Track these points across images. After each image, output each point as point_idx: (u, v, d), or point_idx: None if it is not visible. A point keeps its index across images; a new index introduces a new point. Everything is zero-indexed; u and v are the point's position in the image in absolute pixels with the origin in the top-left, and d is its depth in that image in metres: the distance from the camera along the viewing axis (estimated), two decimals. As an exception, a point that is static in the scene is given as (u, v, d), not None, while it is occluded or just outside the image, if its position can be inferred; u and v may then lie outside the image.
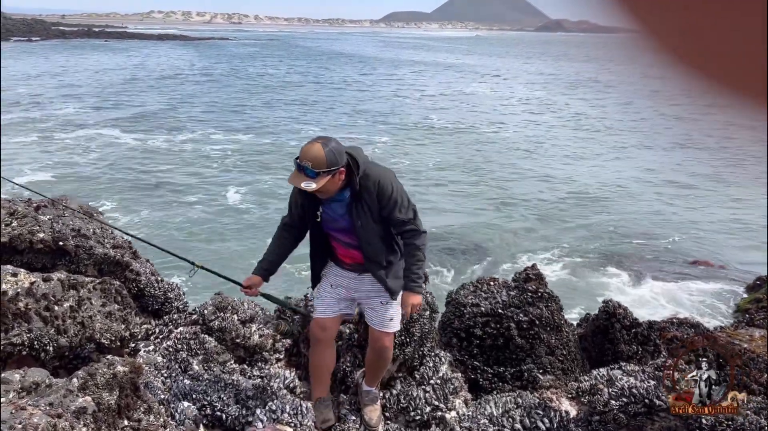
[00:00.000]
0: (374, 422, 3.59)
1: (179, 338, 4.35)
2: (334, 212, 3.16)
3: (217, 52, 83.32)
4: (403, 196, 3.12)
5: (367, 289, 3.35)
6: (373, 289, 3.33)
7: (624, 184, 19.13)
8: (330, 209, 3.16)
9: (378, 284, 3.30)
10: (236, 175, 18.73)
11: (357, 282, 3.36)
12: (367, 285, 3.34)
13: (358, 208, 3.06)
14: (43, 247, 4.80)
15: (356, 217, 3.07)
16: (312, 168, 2.82)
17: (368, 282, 3.32)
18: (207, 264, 4.29)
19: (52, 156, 19.54)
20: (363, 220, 3.07)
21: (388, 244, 3.21)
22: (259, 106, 33.86)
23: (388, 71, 61.63)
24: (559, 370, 5.04)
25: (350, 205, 3.08)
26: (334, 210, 3.14)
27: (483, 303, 5.14)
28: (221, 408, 3.57)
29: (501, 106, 36.73)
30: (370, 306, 3.39)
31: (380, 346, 3.43)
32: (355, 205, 3.06)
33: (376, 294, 3.33)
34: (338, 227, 3.21)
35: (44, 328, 4.12)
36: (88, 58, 60.79)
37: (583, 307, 7.37)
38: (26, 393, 3.22)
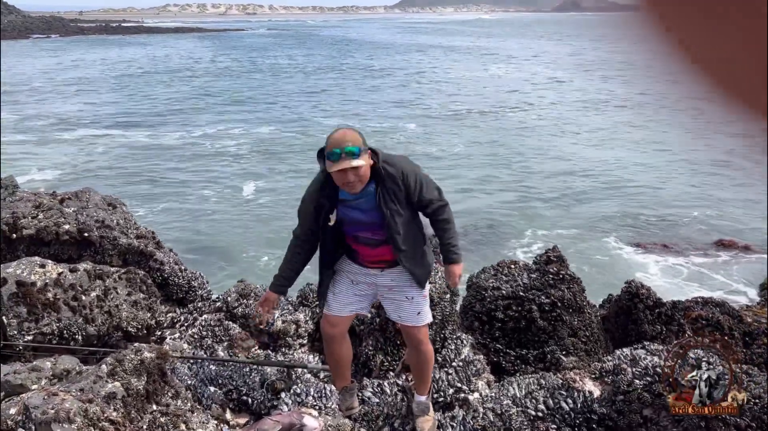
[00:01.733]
0: None
1: (204, 325, 4.42)
2: (358, 209, 3.09)
3: (234, 43, 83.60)
4: (425, 176, 3.12)
5: (390, 285, 3.28)
6: (396, 286, 3.27)
7: (646, 163, 18.90)
8: (351, 209, 3.09)
9: (401, 279, 3.24)
10: (255, 168, 18.84)
11: (378, 280, 3.28)
12: (390, 282, 3.27)
13: (386, 197, 3.02)
14: (68, 239, 4.89)
15: (385, 206, 3.01)
16: (354, 146, 2.84)
17: (391, 278, 3.26)
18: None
19: (66, 152, 19.81)
20: (392, 208, 3.02)
21: (415, 233, 3.16)
22: (276, 97, 33.94)
23: (405, 57, 61.33)
24: (582, 351, 5.03)
25: (377, 196, 3.03)
26: (359, 207, 3.08)
27: (504, 286, 5.14)
28: (247, 393, 3.63)
29: (519, 88, 36.38)
30: (395, 302, 3.32)
31: (416, 341, 3.38)
32: (383, 194, 3.02)
33: (400, 290, 3.27)
34: (364, 225, 3.12)
35: (73, 317, 4.22)
36: (106, 54, 61.36)
37: (606, 288, 7.31)
38: (57, 379, 3.30)
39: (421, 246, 3.22)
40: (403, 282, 3.26)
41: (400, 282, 3.26)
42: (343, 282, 3.32)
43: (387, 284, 3.28)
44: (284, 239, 3.56)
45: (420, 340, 3.38)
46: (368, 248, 3.20)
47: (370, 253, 3.21)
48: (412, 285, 3.26)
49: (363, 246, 3.20)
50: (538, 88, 36.76)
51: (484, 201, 15.12)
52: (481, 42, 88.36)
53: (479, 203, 14.91)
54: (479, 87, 37.69)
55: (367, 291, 3.34)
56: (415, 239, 3.16)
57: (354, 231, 3.16)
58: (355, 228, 3.15)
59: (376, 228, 3.11)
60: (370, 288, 3.32)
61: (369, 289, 3.33)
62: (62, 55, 58.49)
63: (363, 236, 3.16)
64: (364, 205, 3.06)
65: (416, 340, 3.38)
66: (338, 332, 3.38)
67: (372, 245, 3.18)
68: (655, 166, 18.71)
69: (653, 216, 13.94)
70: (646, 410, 3.63)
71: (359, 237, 3.18)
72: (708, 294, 7.09)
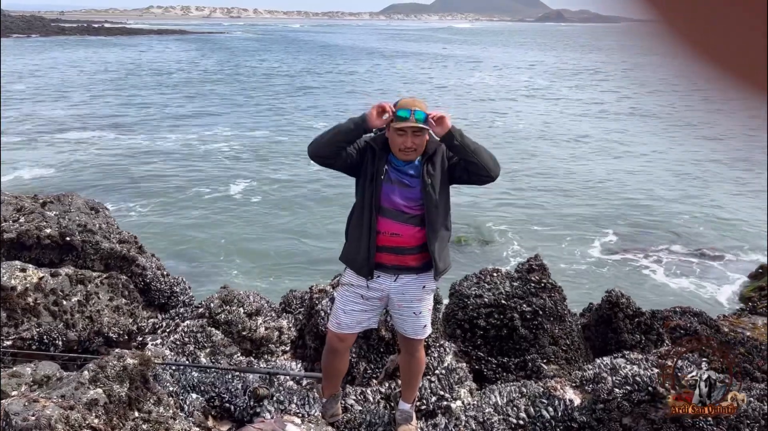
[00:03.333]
0: None
1: (186, 331, 4.39)
2: (403, 173, 3.11)
3: (217, 46, 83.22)
4: None
5: (398, 299, 3.25)
6: (404, 299, 3.24)
7: (627, 170, 19.19)
8: (398, 170, 3.11)
9: (413, 289, 3.22)
10: (241, 172, 18.77)
11: (390, 290, 3.23)
12: (400, 295, 3.24)
13: (429, 169, 3.09)
14: (50, 243, 4.84)
15: (427, 176, 3.07)
16: (423, 111, 2.94)
17: (403, 285, 3.22)
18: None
19: (51, 155, 19.57)
20: (433, 180, 3.08)
21: (446, 215, 3.19)
22: (259, 100, 33.85)
23: (390, 63, 61.51)
24: (562, 360, 5.09)
25: (422, 167, 3.10)
26: (405, 171, 3.11)
27: (486, 294, 5.18)
28: (229, 400, 3.61)
29: (503, 96, 36.67)
30: (403, 316, 3.29)
31: (414, 350, 3.41)
32: (427, 166, 3.10)
33: (408, 305, 3.25)
34: (402, 192, 3.10)
35: (53, 323, 4.18)
36: (87, 55, 60.75)
37: (586, 297, 7.40)
38: (38, 386, 3.27)
39: (446, 237, 3.23)
40: (413, 296, 3.23)
41: (409, 297, 3.24)
42: (355, 298, 3.26)
43: (398, 297, 3.24)
44: (267, 248, 3.55)
45: (418, 349, 3.42)
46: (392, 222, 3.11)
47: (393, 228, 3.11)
48: (420, 300, 3.25)
49: (387, 221, 3.11)
50: (518, 94, 37.08)
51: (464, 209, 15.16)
52: (466, 50, 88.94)
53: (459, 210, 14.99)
54: (462, 92, 37.93)
55: (376, 305, 3.30)
56: (445, 223, 3.19)
57: (391, 194, 3.10)
58: (392, 192, 3.10)
59: (413, 200, 3.10)
60: (380, 302, 3.29)
61: (379, 303, 3.29)
62: (43, 53, 57.77)
63: (398, 202, 3.10)
64: (411, 170, 3.10)
65: (414, 349, 3.41)
66: (344, 347, 3.39)
67: (400, 220, 3.10)
68: (633, 173, 18.99)
69: (632, 225, 14.12)
70: (625, 418, 3.68)
71: (389, 209, 3.10)
72: (687, 304, 7.21)
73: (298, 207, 15.05)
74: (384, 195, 3.09)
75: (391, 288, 3.22)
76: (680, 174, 19.09)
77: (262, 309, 4.79)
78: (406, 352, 3.47)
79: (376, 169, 3.08)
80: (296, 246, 11.96)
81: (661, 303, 7.64)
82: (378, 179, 3.07)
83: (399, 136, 2.95)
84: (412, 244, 3.13)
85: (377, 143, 3.09)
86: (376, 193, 3.07)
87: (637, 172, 19.27)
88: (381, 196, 3.09)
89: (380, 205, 3.09)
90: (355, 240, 3.18)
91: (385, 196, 3.10)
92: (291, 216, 14.12)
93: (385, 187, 3.08)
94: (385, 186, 3.08)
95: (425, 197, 3.07)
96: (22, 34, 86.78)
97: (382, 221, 3.12)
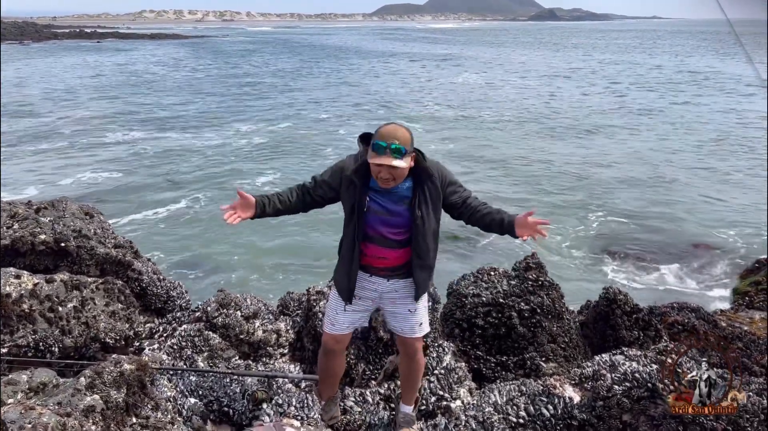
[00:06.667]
0: None
1: (183, 336, 4.37)
2: (387, 202, 3.03)
3: (212, 48, 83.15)
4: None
5: (393, 297, 3.25)
6: (399, 296, 3.25)
7: (618, 164, 19.26)
8: (380, 199, 3.03)
9: (405, 290, 3.23)
10: (238, 170, 18.75)
11: (383, 288, 3.24)
12: (393, 293, 3.24)
13: (420, 198, 3.00)
14: (44, 249, 4.81)
15: (418, 208, 3.00)
16: (402, 145, 2.82)
17: (394, 288, 3.23)
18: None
19: (57, 162, 19.50)
20: (424, 211, 3.01)
21: (434, 244, 3.15)
22: (257, 103, 33.80)
23: (385, 64, 61.52)
24: (561, 357, 5.08)
25: (413, 195, 3.00)
26: (389, 200, 3.03)
27: (484, 293, 5.17)
28: (228, 404, 3.60)
29: (495, 94, 36.71)
30: (396, 315, 3.30)
31: (413, 352, 3.40)
32: (420, 196, 3.00)
33: (402, 302, 3.26)
34: (386, 220, 3.06)
35: (49, 329, 4.15)
36: (81, 60, 60.58)
37: (584, 294, 7.39)
38: (34, 393, 3.24)
39: (432, 260, 3.20)
40: (405, 293, 3.24)
41: (403, 294, 3.24)
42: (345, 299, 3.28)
43: (390, 296, 3.25)
44: (262, 247, 3.54)
45: (416, 350, 3.39)
46: (377, 248, 3.13)
47: (379, 253, 3.14)
48: (414, 297, 3.25)
49: (372, 245, 3.13)
50: (511, 93, 37.13)
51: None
52: (460, 50, 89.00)
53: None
54: (456, 92, 37.96)
55: (368, 305, 3.31)
56: (433, 251, 3.16)
57: (375, 223, 3.08)
58: (376, 220, 3.07)
59: (399, 227, 3.07)
60: (372, 302, 3.30)
61: (371, 303, 3.31)
62: (36, 60, 57.58)
63: (382, 231, 3.09)
64: (395, 198, 3.03)
65: (412, 350, 3.39)
66: (340, 348, 3.39)
67: (385, 245, 3.12)
68: (627, 166, 19.05)
69: (628, 220, 14.14)
70: (625, 415, 3.68)
71: (374, 236, 3.10)
72: (684, 299, 7.21)
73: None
74: (368, 224, 3.09)
75: (384, 287, 3.24)
76: (673, 165, 19.20)
77: (260, 312, 4.77)
78: (405, 354, 3.45)
79: (357, 200, 3.04)
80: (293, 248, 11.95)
81: (659, 299, 7.64)
82: (360, 212, 3.05)
83: (376, 165, 2.88)
84: (401, 263, 3.17)
85: (358, 176, 3.01)
86: (359, 226, 3.07)
87: (631, 162, 19.38)
88: (366, 225, 3.09)
89: (366, 233, 3.10)
90: (341, 266, 3.22)
91: (369, 225, 3.09)
92: (287, 218, 14.09)
93: (368, 218, 3.07)
94: (367, 216, 3.06)
95: (414, 229, 3.05)
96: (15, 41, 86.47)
97: (369, 246, 3.15)
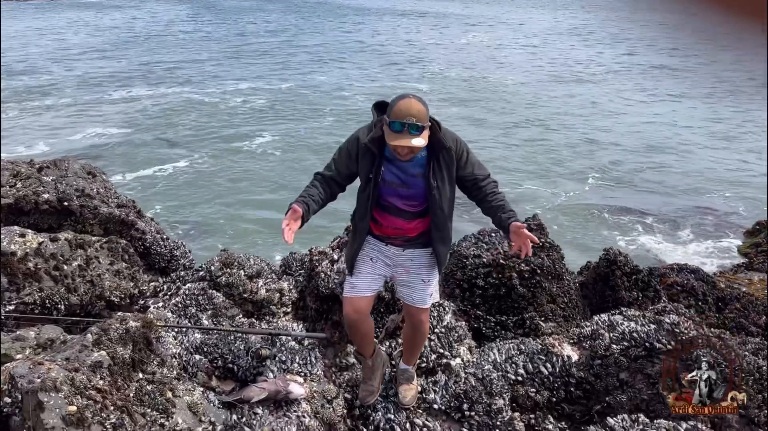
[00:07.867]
0: (408, 400, 3.55)
1: (188, 294, 4.42)
2: (402, 173, 2.96)
3: (214, 6, 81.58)
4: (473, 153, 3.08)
5: (407, 265, 3.22)
6: (414, 265, 3.22)
7: (622, 130, 19.10)
8: (395, 170, 2.96)
9: (420, 260, 3.20)
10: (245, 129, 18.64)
11: (398, 257, 3.21)
12: (409, 262, 3.22)
13: (435, 169, 2.92)
14: (48, 208, 4.83)
15: (433, 178, 2.91)
16: (418, 121, 2.73)
17: (410, 257, 3.21)
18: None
19: (59, 120, 19.37)
20: (440, 182, 2.95)
21: (449, 214, 3.10)
22: (259, 60, 33.34)
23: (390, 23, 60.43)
24: (560, 317, 5.14)
25: (428, 165, 2.91)
26: (404, 170, 2.96)
27: (485, 254, 5.20)
28: (232, 360, 3.66)
29: (501, 54, 36.15)
30: (409, 284, 3.27)
31: (419, 321, 3.38)
32: (435, 166, 2.91)
33: (417, 271, 3.23)
34: (402, 190, 3.00)
35: (55, 287, 4.20)
36: (80, 17, 59.55)
37: (585, 255, 7.44)
38: (42, 349, 3.31)
39: (450, 230, 3.17)
40: (421, 263, 3.22)
41: (418, 263, 3.22)
42: (364, 261, 3.23)
43: (405, 265, 3.22)
44: (265, 207, 3.53)
45: (422, 320, 3.37)
46: (391, 217, 3.10)
47: (393, 223, 3.11)
48: (430, 267, 3.22)
49: (386, 215, 3.10)
50: (517, 54, 36.56)
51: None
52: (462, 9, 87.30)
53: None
54: (461, 53, 37.39)
55: (383, 270, 3.26)
56: (447, 220, 3.11)
57: (388, 192, 3.03)
58: (390, 190, 3.03)
59: (414, 198, 3.02)
60: (387, 268, 3.25)
61: (386, 269, 3.26)
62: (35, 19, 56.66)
63: (396, 203, 3.05)
64: (411, 169, 2.97)
65: (419, 319, 3.37)
66: (361, 318, 3.27)
67: (400, 216, 3.08)
68: (631, 131, 18.90)
69: (629, 183, 14.13)
70: (622, 373, 3.75)
71: (389, 206, 3.07)
72: (684, 260, 7.25)
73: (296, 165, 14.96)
74: (383, 195, 3.05)
75: (402, 255, 3.21)
76: (676, 127, 19.06)
77: (263, 272, 4.81)
78: (411, 323, 3.44)
79: (373, 171, 2.97)
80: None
81: (659, 261, 7.69)
82: (375, 182, 2.99)
83: (392, 144, 2.80)
84: (416, 233, 3.14)
85: (374, 144, 2.93)
86: (373, 195, 3.02)
87: (635, 128, 19.19)
88: (380, 195, 3.04)
89: (381, 203, 3.06)
90: (353, 238, 3.21)
91: (384, 196, 3.05)
92: (290, 178, 14.07)
93: (382, 189, 3.03)
94: (382, 187, 3.02)
95: (431, 200, 2.99)
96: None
97: (385, 216, 3.11)
